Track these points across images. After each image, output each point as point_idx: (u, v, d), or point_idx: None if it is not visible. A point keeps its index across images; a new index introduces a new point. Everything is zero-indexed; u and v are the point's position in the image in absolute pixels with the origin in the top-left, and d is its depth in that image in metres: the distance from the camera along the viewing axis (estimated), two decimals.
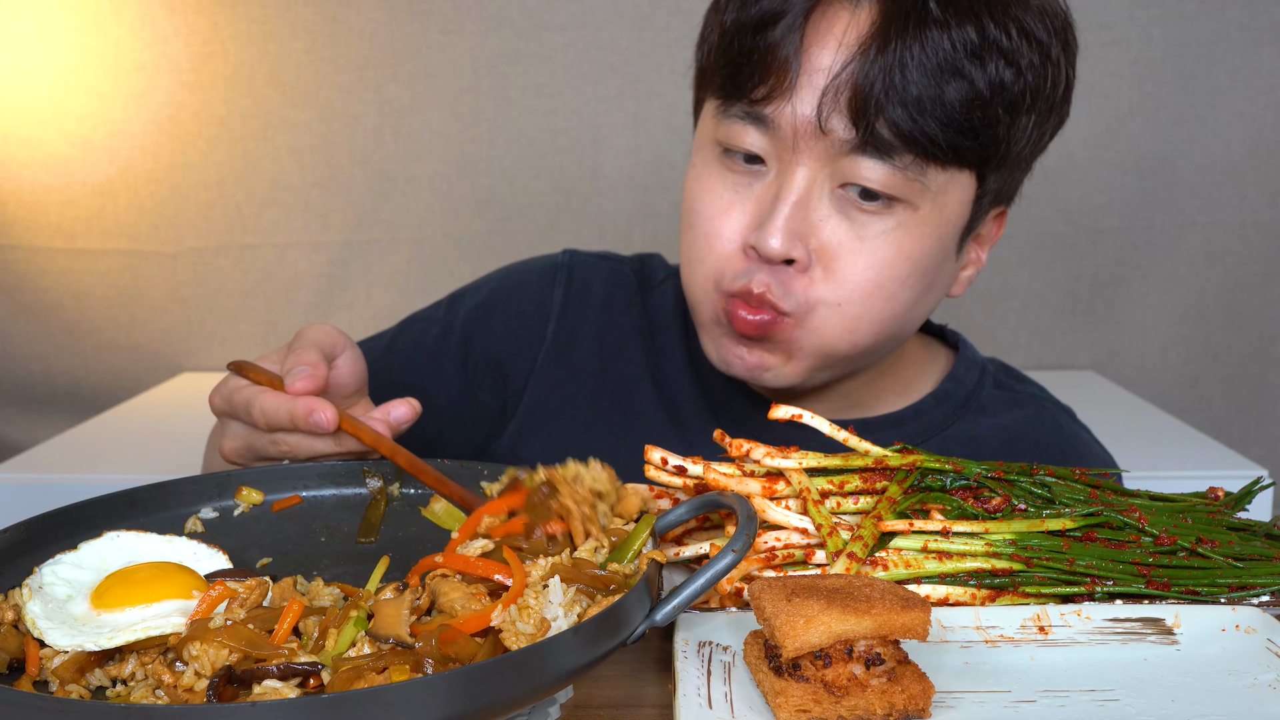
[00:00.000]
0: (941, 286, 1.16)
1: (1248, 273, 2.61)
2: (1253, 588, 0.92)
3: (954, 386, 1.27)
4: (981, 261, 1.20)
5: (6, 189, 2.59)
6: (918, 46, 1.01)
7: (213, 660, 0.73)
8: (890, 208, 1.06)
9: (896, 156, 1.03)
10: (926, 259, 1.09)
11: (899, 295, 1.09)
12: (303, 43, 2.54)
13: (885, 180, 1.04)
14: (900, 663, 0.76)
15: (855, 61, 1.02)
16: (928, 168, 1.04)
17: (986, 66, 1.02)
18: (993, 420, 1.26)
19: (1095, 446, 1.30)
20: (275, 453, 1.00)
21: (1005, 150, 1.08)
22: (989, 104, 1.03)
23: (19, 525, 0.88)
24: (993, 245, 1.20)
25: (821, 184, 1.06)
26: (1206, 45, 2.50)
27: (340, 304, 2.65)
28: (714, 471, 0.93)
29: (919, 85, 1.01)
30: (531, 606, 0.76)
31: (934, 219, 1.08)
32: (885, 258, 1.07)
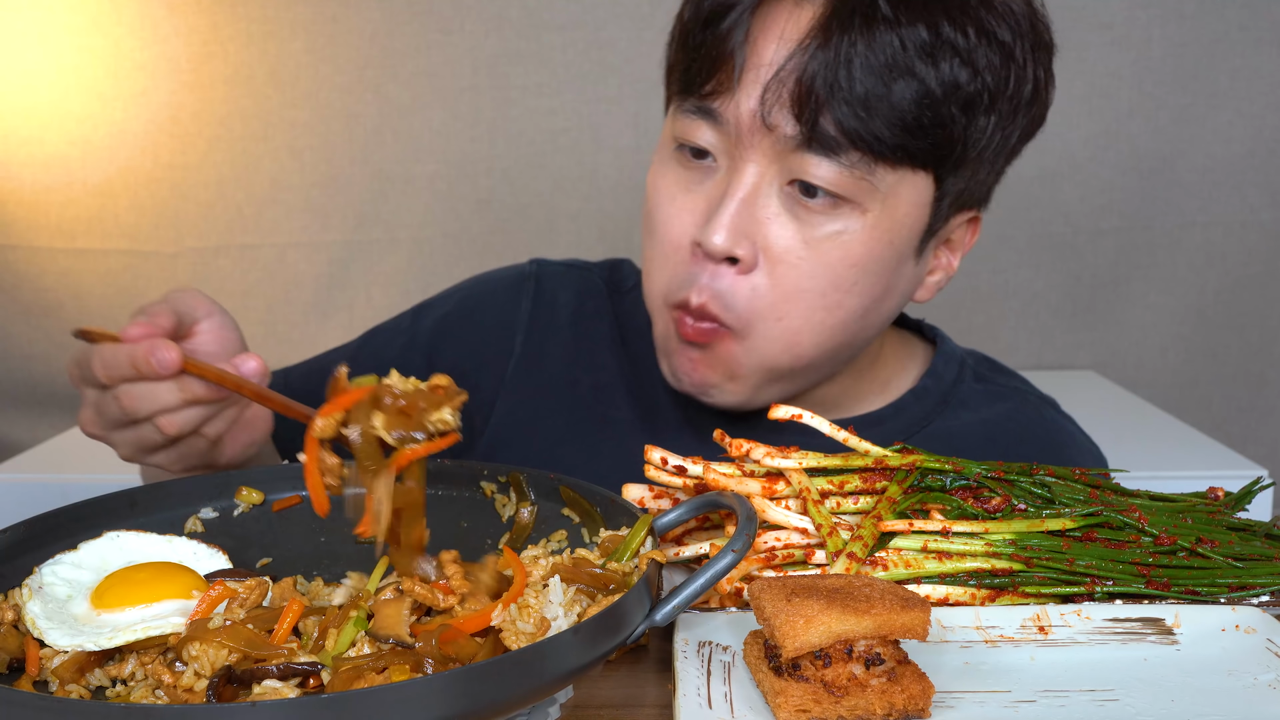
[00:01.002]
0: (900, 292, 1.13)
1: (1248, 273, 2.61)
2: (1253, 588, 0.92)
3: (933, 383, 1.25)
4: (953, 268, 1.17)
5: (6, 189, 2.59)
6: (863, 44, 0.99)
7: (212, 660, 0.73)
8: (837, 208, 1.04)
9: (843, 154, 1.01)
10: (875, 264, 1.07)
11: (844, 303, 1.07)
12: (303, 43, 2.54)
13: (832, 178, 1.02)
14: (900, 663, 0.76)
15: (798, 56, 1.00)
16: (876, 167, 1.02)
17: (939, 65, 1.00)
18: (973, 415, 1.25)
19: (1080, 438, 1.29)
20: (117, 412, 0.92)
21: (963, 151, 1.05)
22: (941, 103, 1.01)
23: (19, 525, 0.88)
24: (966, 251, 1.18)
25: (770, 181, 1.05)
26: (1206, 45, 2.50)
27: (340, 304, 2.65)
28: (714, 471, 0.93)
29: (864, 83, 0.99)
30: (531, 606, 0.76)
31: (884, 222, 1.05)
32: (830, 262, 1.05)
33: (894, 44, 0.99)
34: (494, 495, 0.98)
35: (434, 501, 0.99)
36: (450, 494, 0.99)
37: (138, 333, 0.90)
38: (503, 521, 0.96)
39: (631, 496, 0.99)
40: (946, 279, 1.18)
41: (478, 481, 0.99)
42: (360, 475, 0.83)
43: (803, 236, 1.05)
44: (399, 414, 0.83)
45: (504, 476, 0.98)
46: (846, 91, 0.99)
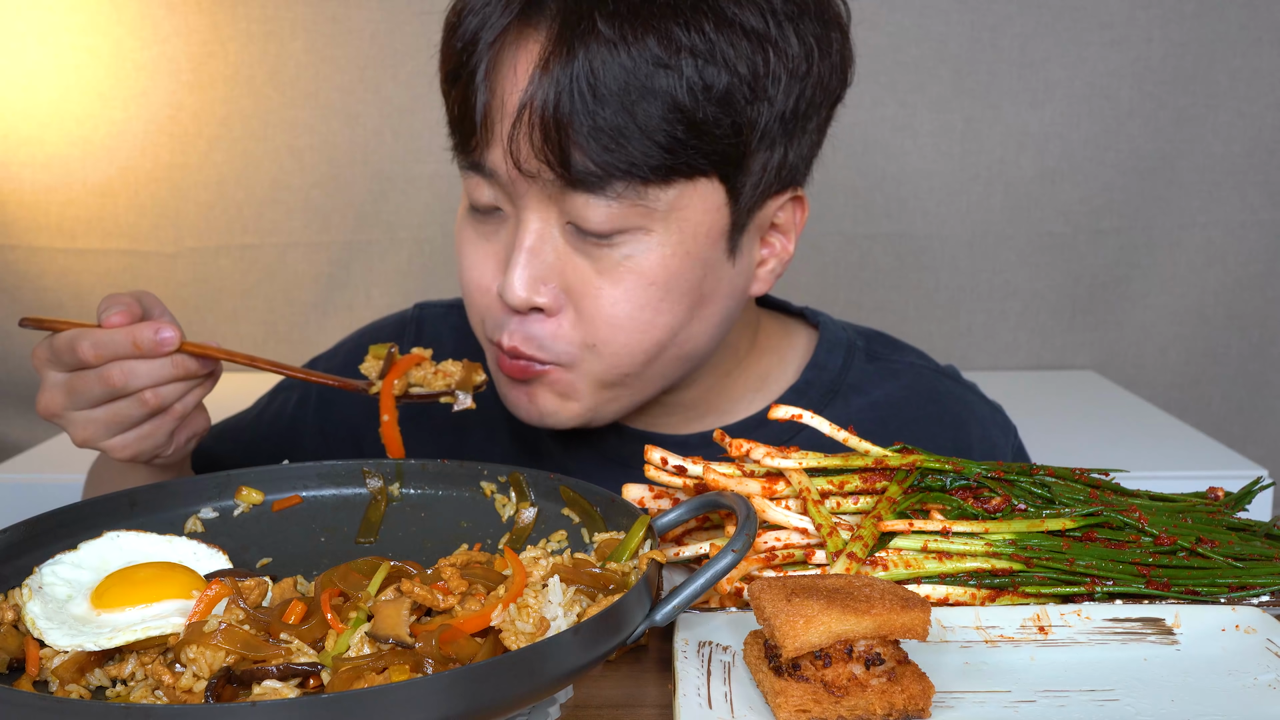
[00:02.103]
0: (724, 294, 1.09)
1: (1248, 273, 2.61)
2: (1253, 588, 0.92)
3: (816, 374, 1.23)
4: (788, 252, 1.13)
5: (6, 189, 2.59)
6: (587, 73, 0.95)
7: (210, 662, 0.73)
8: (620, 236, 1.01)
9: (609, 187, 0.98)
10: (676, 279, 1.04)
11: (657, 322, 1.05)
12: (303, 43, 2.54)
13: (603, 216, 1.00)
14: (900, 663, 0.76)
15: (531, 99, 0.97)
16: (647, 190, 0.99)
17: (682, 73, 0.96)
18: (863, 399, 1.23)
19: (980, 408, 1.27)
20: (100, 390, 0.99)
21: (740, 147, 1.01)
22: (694, 110, 0.97)
23: (19, 525, 0.88)
24: (800, 230, 1.13)
25: (551, 224, 1.03)
26: (1206, 45, 2.50)
27: (340, 304, 2.66)
28: (714, 471, 0.93)
29: (603, 113, 0.95)
30: (531, 606, 0.76)
31: (674, 237, 1.02)
32: (628, 288, 1.03)
33: (624, 64, 0.95)
34: (494, 495, 0.98)
35: (434, 501, 1.00)
36: (450, 494, 0.99)
37: (121, 319, 0.99)
38: (503, 521, 0.97)
39: (631, 496, 0.99)
40: (782, 265, 1.14)
41: (478, 481, 0.99)
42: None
43: (596, 269, 1.03)
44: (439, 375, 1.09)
45: (504, 476, 0.98)
46: (589, 124, 0.96)
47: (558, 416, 1.11)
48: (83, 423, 1.02)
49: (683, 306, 1.06)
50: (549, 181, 1.00)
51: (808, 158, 1.10)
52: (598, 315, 1.04)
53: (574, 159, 0.97)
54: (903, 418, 1.22)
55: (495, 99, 1.00)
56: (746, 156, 1.02)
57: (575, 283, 1.04)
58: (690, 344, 1.10)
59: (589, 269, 1.03)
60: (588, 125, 0.96)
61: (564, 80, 0.96)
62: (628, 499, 0.97)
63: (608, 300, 1.04)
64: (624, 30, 0.95)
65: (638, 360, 1.07)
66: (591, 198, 0.99)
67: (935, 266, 2.63)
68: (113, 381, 0.98)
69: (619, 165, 0.97)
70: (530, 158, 0.99)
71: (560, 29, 0.97)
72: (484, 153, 1.03)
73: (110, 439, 1.03)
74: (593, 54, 0.95)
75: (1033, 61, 2.53)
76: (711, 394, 1.21)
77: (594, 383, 1.09)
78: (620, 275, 1.03)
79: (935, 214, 2.60)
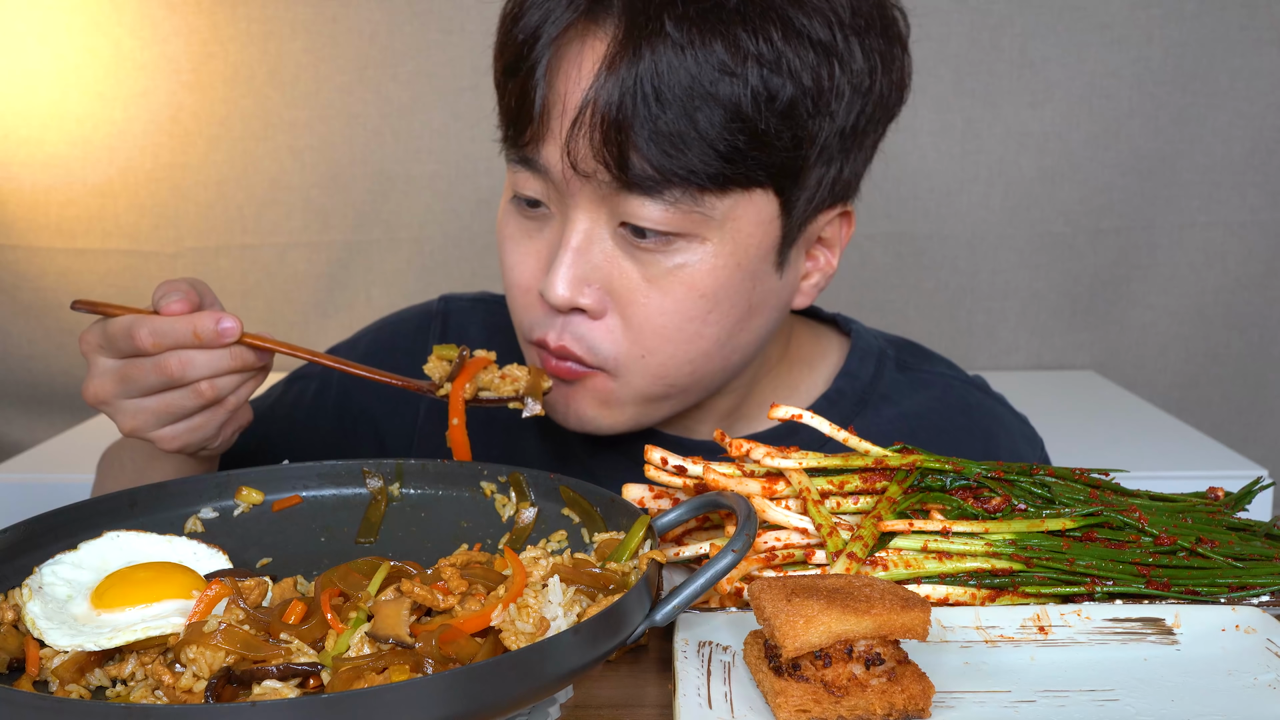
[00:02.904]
0: (771, 306, 1.08)
1: (1248, 273, 2.61)
2: (1253, 588, 0.92)
3: (848, 383, 1.22)
4: (832, 266, 1.12)
5: (6, 189, 2.59)
6: (652, 75, 0.94)
7: (210, 663, 0.73)
8: (673, 243, 1.00)
9: (664, 192, 0.97)
10: (726, 290, 1.03)
11: (704, 333, 1.04)
12: (303, 43, 2.54)
13: (659, 218, 0.98)
14: (900, 663, 0.76)
15: (594, 99, 0.96)
16: (703, 197, 0.98)
17: (747, 81, 0.94)
18: (894, 410, 1.21)
19: (1009, 420, 1.26)
20: (155, 379, 0.97)
21: (799, 160, 1.00)
22: (757, 120, 0.96)
23: (19, 525, 0.88)
24: (845, 246, 1.13)
25: (601, 225, 1.02)
26: (1206, 45, 2.50)
27: (340, 304, 2.65)
28: (714, 471, 0.93)
29: (666, 117, 0.94)
30: (531, 606, 0.76)
31: (727, 248, 1.01)
32: (677, 298, 1.02)
33: (689, 68, 0.94)
34: (494, 495, 0.98)
35: (434, 501, 1.00)
36: (450, 494, 0.99)
37: (180, 307, 0.97)
38: (503, 522, 0.97)
39: (631, 496, 0.99)
40: (826, 279, 1.13)
41: (478, 481, 0.99)
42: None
43: (645, 275, 1.02)
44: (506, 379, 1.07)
45: (504, 476, 0.98)
46: (650, 128, 0.95)
47: (597, 423, 1.10)
48: (133, 411, 1.00)
49: (731, 318, 1.05)
50: (603, 183, 0.99)
51: (860, 174, 1.09)
52: (645, 324, 1.03)
53: (632, 162, 0.96)
54: (932, 429, 1.21)
55: (555, 95, 0.99)
56: (804, 170, 1.01)
57: (622, 289, 1.03)
58: (737, 355, 1.09)
59: (637, 275, 1.02)
60: (649, 129, 0.95)
61: (628, 81, 0.94)
62: (628, 499, 0.97)
63: (656, 309, 1.02)
64: (691, 34, 0.94)
65: (684, 372, 1.06)
66: (647, 200, 0.98)
67: (935, 266, 2.63)
68: (170, 371, 0.97)
69: (677, 171, 0.96)
70: (588, 158, 0.98)
71: (627, 29, 0.96)
72: (538, 149, 1.01)
73: (160, 429, 1.01)
74: (659, 56, 0.94)
75: (1033, 61, 2.53)
76: (743, 402, 1.20)
77: (637, 394, 1.08)
78: (670, 284, 1.02)
79: (935, 214, 2.60)
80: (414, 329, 1.33)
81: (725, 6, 0.95)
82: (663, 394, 1.08)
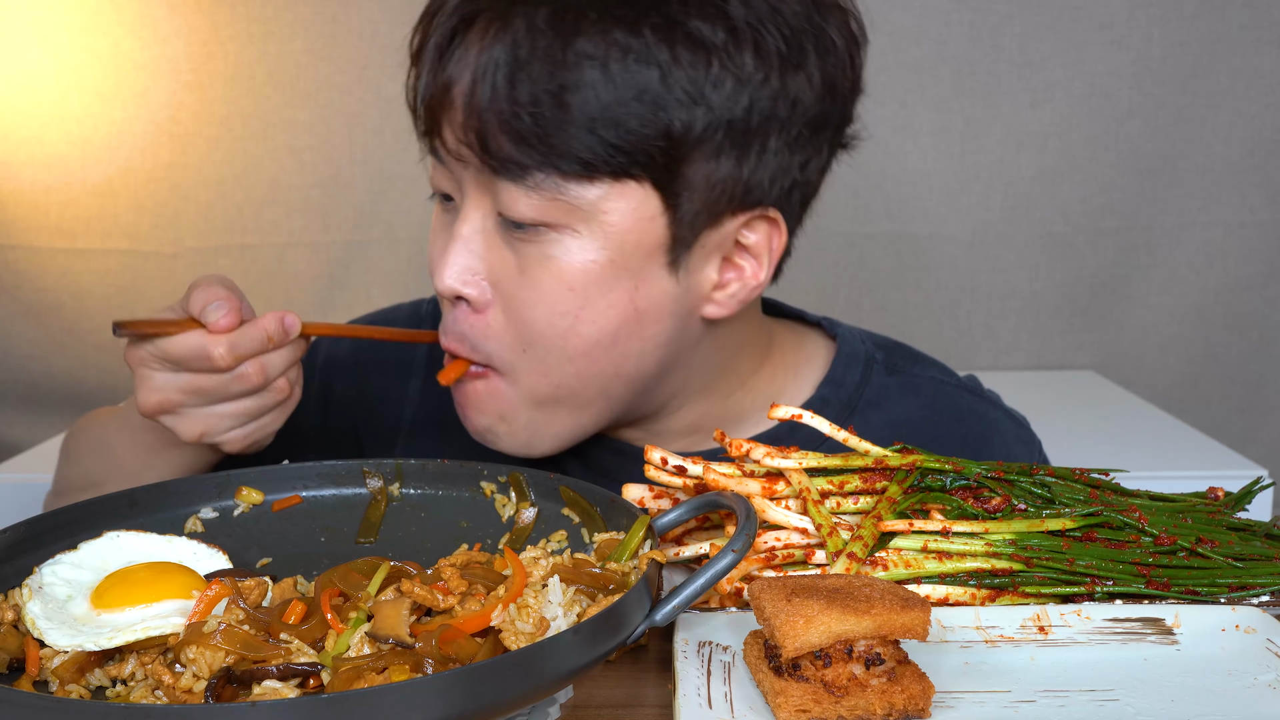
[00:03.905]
0: (670, 313, 1.03)
1: (1248, 273, 2.61)
2: (1253, 588, 0.92)
3: (833, 391, 1.18)
4: (758, 279, 1.06)
5: (6, 189, 2.59)
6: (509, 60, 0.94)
7: (210, 662, 0.73)
8: (543, 234, 0.99)
9: (528, 177, 0.96)
10: (598, 286, 1.00)
11: (577, 330, 1.01)
12: (303, 43, 2.54)
13: (524, 207, 0.97)
14: (900, 663, 0.76)
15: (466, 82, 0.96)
16: (567, 185, 0.96)
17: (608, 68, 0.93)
18: (882, 416, 1.18)
19: (1004, 424, 1.23)
20: (236, 389, 1.01)
21: (674, 152, 0.96)
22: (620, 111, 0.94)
23: (19, 525, 0.88)
24: (776, 258, 1.06)
25: (487, 215, 1.01)
26: (1206, 45, 2.50)
27: (340, 304, 2.65)
28: (714, 471, 0.93)
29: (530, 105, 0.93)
30: (531, 606, 0.76)
31: (598, 240, 0.98)
32: (545, 290, 1.00)
33: (548, 53, 0.93)
34: (494, 495, 0.98)
35: (434, 501, 1.00)
36: (450, 494, 0.99)
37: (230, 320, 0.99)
38: (503, 522, 0.97)
39: (631, 496, 0.99)
40: (748, 291, 1.06)
41: (478, 481, 0.99)
42: None
43: (519, 266, 1.01)
44: None
45: (504, 476, 0.98)
46: (510, 115, 0.94)
47: (495, 434, 1.08)
48: (203, 418, 1.03)
49: (609, 319, 1.01)
50: (479, 168, 0.99)
51: (781, 180, 1.02)
52: (519, 316, 1.02)
53: (490, 145, 0.96)
54: (924, 437, 1.15)
55: (442, 84, 0.99)
56: (681, 164, 0.97)
57: (501, 278, 1.02)
58: (630, 363, 1.04)
59: (513, 265, 1.01)
60: (507, 110, 0.94)
61: (485, 64, 0.95)
62: (628, 499, 0.97)
63: (527, 301, 1.01)
64: (555, 18, 0.94)
65: (567, 372, 1.03)
66: (513, 186, 0.97)
67: (935, 266, 2.63)
68: (253, 381, 1.00)
69: (535, 154, 0.95)
70: (455, 142, 0.99)
71: (492, 15, 0.96)
72: (436, 138, 1.03)
73: (231, 432, 1.04)
74: (518, 41, 0.94)
75: (1033, 61, 2.53)
76: (711, 418, 1.16)
77: (526, 397, 1.05)
78: (540, 276, 1.00)
79: (935, 214, 2.60)
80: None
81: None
82: (550, 396, 1.05)
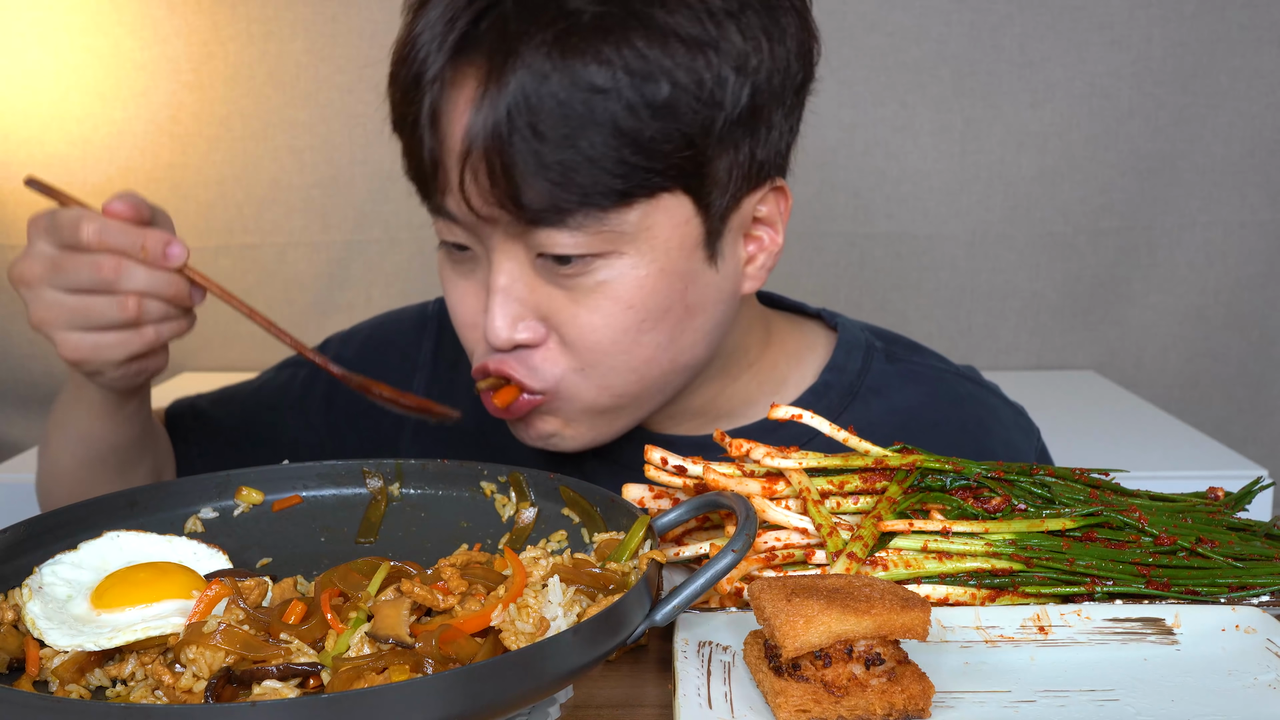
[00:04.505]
0: (715, 301, 1.06)
1: (1248, 273, 2.61)
2: (1253, 588, 0.92)
3: (835, 377, 1.20)
4: (776, 243, 1.09)
5: (6, 189, 2.59)
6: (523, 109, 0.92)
7: (210, 663, 0.73)
8: (591, 264, 0.99)
9: (569, 219, 0.96)
10: (655, 298, 1.01)
11: (641, 341, 1.02)
12: (303, 43, 2.54)
13: (571, 244, 0.97)
14: (900, 663, 0.76)
15: (471, 143, 0.95)
16: (608, 216, 0.96)
17: (620, 95, 0.92)
18: (885, 404, 1.19)
19: (1003, 412, 1.24)
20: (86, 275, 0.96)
21: (697, 154, 0.98)
22: (639, 129, 0.94)
23: (19, 525, 0.88)
24: (786, 220, 1.09)
25: (522, 262, 1.01)
26: (1206, 45, 2.50)
27: (340, 304, 2.65)
28: (714, 471, 0.93)
29: (543, 148, 0.93)
30: (531, 606, 0.76)
31: (647, 257, 1.00)
32: (606, 314, 1.01)
33: (557, 95, 0.92)
34: (494, 495, 0.98)
35: (434, 501, 1.00)
36: (450, 494, 0.99)
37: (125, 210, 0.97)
38: (503, 522, 0.97)
39: (631, 496, 0.99)
40: (772, 258, 1.10)
41: (478, 481, 0.99)
42: None
43: (571, 299, 1.01)
44: None
45: (504, 476, 0.98)
46: (535, 161, 0.93)
47: (562, 439, 1.09)
48: (49, 303, 0.99)
49: (668, 324, 1.03)
50: (509, 222, 0.98)
51: (781, 148, 1.05)
52: (580, 342, 1.02)
53: (525, 198, 0.95)
54: (924, 423, 1.19)
55: (443, 144, 0.98)
56: (707, 164, 0.99)
57: (552, 313, 1.02)
58: (685, 356, 1.07)
59: (564, 299, 1.01)
60: (533, 163, 0.93)
61: (500, 119, 0.93)
62: (628, 499, 0.97)
63: (588, 328, 1.01)
64: (553, 59, 0.92)
65: (629, 382, 1.05)
66: (554, 230, 0.97)
67: (935, 266, 2.63)
68: (103, 272, 0.96)
69: (573, 198, 0.95)
70: (483, 203, 0.97)
71: (489, 67, 0.94)
72: (443, 199, 1.01)
73: (68, 331, 1.00)
74: (527, 89, 0.92)
75: (1033, 61, 2.53)
76: (721, 399, 1.19)
77: (585, 408, 1.06)
78: (598, 302, 1.01)
79: (935, 214, 2.60)
80: (408, 332, 1.34)
81: (581, 24, 0.93)
82: (611, 405, 1.07)
